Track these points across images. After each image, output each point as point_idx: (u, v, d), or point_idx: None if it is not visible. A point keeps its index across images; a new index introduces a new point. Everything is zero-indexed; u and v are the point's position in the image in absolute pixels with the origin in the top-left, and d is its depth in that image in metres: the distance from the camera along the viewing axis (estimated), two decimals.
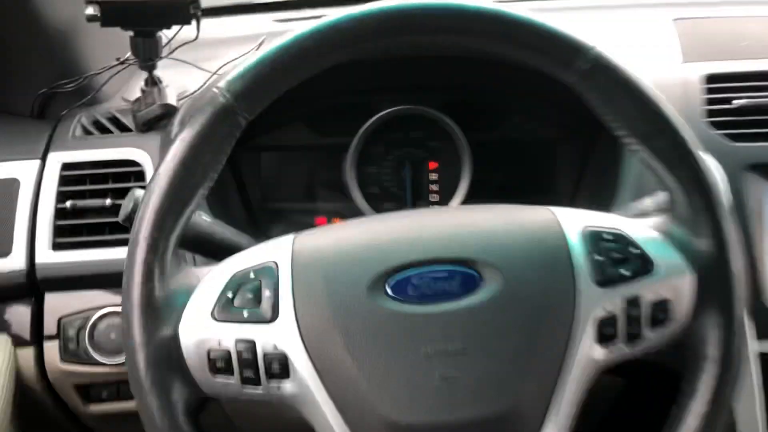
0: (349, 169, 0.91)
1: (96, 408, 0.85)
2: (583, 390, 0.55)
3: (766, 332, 0.76)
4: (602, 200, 0.82)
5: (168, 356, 0.54)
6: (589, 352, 0.55)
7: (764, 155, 0.79)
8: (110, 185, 0.83)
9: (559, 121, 0.91)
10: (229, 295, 0.56)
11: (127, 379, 0.56)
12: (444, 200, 0.93)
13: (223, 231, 0.71)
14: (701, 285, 0.56)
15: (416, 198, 0.94)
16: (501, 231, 0.57)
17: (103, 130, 0.89)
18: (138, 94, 0.87)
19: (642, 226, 0.59)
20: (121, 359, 0.80)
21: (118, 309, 0.76)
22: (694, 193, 0.56)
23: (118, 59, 0.90)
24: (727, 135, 0.80)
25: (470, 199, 0.91)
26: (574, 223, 0.58)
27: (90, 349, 0.81)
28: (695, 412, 0.55)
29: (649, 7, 1.04)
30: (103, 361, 0.81)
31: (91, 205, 0.83)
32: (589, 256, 0.56)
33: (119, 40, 0.84)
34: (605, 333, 0.55)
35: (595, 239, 0.57)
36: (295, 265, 0.56)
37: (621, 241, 0.57)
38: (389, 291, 0.54)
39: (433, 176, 0.94)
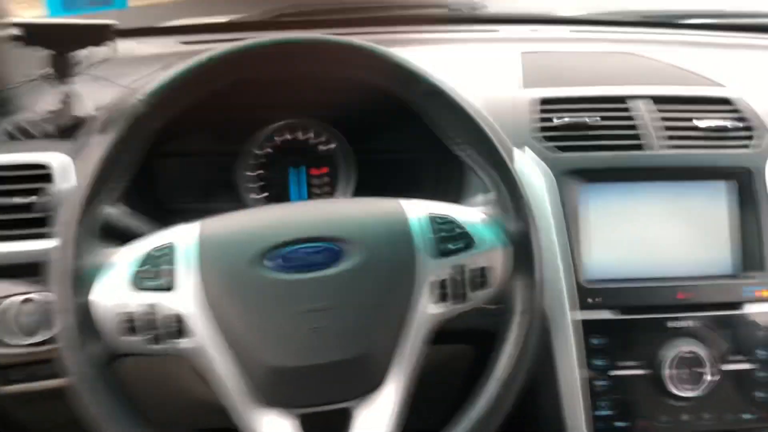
0: (241, 174, 1.06)
1: (10, 389, 0.95)
2: (423, 338, 0.72)
3: (582, 304, 0.95)
4: (454, 198, 1.00)
5: (85, 319, 0.67)
6: (426, 309, 0.71)
7: (581, 162, 0.98)
8: (20, 186, 0.93)
9: (423, 135, 1.09)
10: (136, 268, 0.69)
11: (41, 359, 0.69)
12: None
13: (137, 223, 0.85)
14: (510, 256, 0.74)
15: (302, 200, 1.09)
16: (360, 216, 0.73)
17: (24, 136, 0.99)
18: (55, 106, 0.98)
19: (470, 212, 0.77)
20: (34, 340, 0.90)
21: (30, 296, 0.87)
22: (505, 188, 0.74)
23: (37, 74, 1.01)
24: (554, 147, 0.99)
25: None
26: (417, 210, 0.75)
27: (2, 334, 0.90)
28: (507, 353, 0.72)
29: (505, 42, 1.25)
30: (16, 343, 0.90)
31: (2, 204, 0.93)
32: (426, 235, 0.73)
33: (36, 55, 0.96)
34: (438, 294, 0.72)
35: (431, 222, 0.74)
36: (201, 244, 0.69)
37: (451, 223, 0.74)
38: (270, 263, 0.69)
39: (317, 181, 1.09)
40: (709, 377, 0.95)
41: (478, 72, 1.12)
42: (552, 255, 0.96)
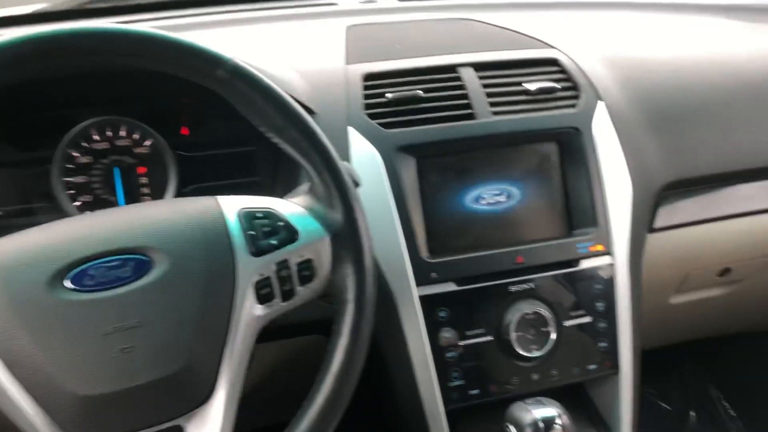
0: (56, 181, 0.96)
1: None
2: (250, 343, 0.68)
3: (426, 279, 0.95)
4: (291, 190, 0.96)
5: None
6: (251, 311, 0.67)
7: (410, 138, 0.97)
8: None
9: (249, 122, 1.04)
10: None
11: None
12: None
13: None
14: (336, 245, 0.71)
15: (129, 203, 1.01)
16: (167, 220, 0.67)
17: None
18: None
19: (290, 204, 0.73)
20: None
21: None
22: (324, 173, 0.71)
23: None
24: (381, 124, 0.97)
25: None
26: (233, 206, 0.70)
27: None
28: (341, 346, 0.69)
29: (331, 16, 1.21)
30: None
31: None
32: (244, 232, 0.68)
33: None
34: (263, 294, 0.68)
35: (249, 218, 0.69)
36: None
37: (271, 217, 0.70)
38: (69, 284, 0.62)
39: (143, 180, 1.01)
40: (553, 335, 0.98)
41: (299, 50, 1.07)
42: (393, 234, 0.94)
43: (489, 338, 0.97)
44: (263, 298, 0.68)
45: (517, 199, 1.02)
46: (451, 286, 0.96)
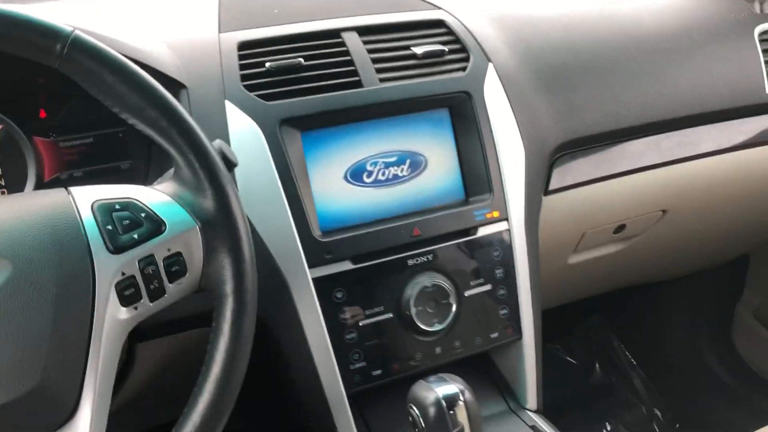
0: None
1: None
2: (116, 350, 0.61)
3: (319, 259, 0.90)
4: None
5: None
6: (115, 315, 0.60)
7: (293, 110, 0.91)
8: None
9: None
10: None
11: None
12: None
13: None
14: (208, 235, 0.65)
15: None
16: (8, 220, 0.59)
17: None
18: None
19: (154, 192, 0.65)
20: None
21: None
22: (189, 155, 0.64)
23: None
24: (261, 96, 0.90)
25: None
26: (86, 198, 0.62)
27: None
28: (221, 345, 0.63)
29: None
30: None
31: None
32: (101, 228, 0.61)
33: None
34: (127, 295, 0.61)
35: (106, 211, 0.62)
36: None
37: (131, 208, 0.63)
38: None
39: None
40: (454, 307, 0.96)
41: (167, 21, 0.98)
42: (277, 214, 0.88)
43: (389, 315, 0.93)
44: (128, 300, 0.61)
45: (411, 170, 0.98)
46: (346, 265, 0.91)
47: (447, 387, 0.77)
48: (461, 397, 0.77)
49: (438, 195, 0.99)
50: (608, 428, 1.77)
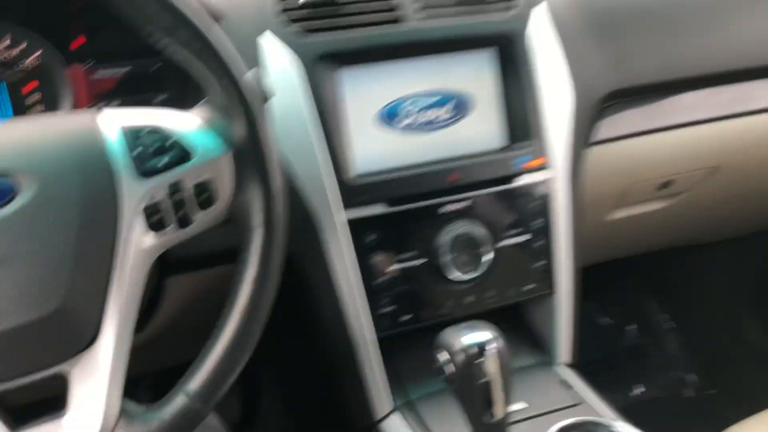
0: None
1: None
2: (141, 277, 0.60)
3: (351, 202, 0.87)
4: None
5: None
6: (141, 241, 0.59)
7: (332, 44, 0.87)
8: None
9: None
10: None
11: None
12: None
13: None
14: (238, 163, 0.63)
15: None
16: (37, 139, 0.58)
17: None
18: None
19: (183, 117, 0.64)
20: None
21: None
22: (223, 80, 0.62)
23: None
24: (300, 29, 0.87)
25: None
26: (114, 122, 0.60)
27: None
28: (248, 277, 0.62)
29: None
30: None
31: None
32: (128, 152, 0.59)
33: None
34: (155, 220, 0.60)
35: (133, 135, 0.60)
36: None
37: (159, 133, 0.61)
38: None
39: (35, 96, 0.90)
40: (488, 256, 0.93)
41: None
42: (311, 152, 0.86)
43: (421, 262, 0.91)
44: (155, 226, 0.60)
45: (455, 112, 0.94)
46: (380, 208, 0.89)
47: (478, 334, 0.75)
48: (492, 346, 0.75)
49: (477, 140, 0.96)
50: (641, 390, 1.74)
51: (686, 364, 1.78)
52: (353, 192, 0.87)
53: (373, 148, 0.91)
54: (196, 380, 0.60)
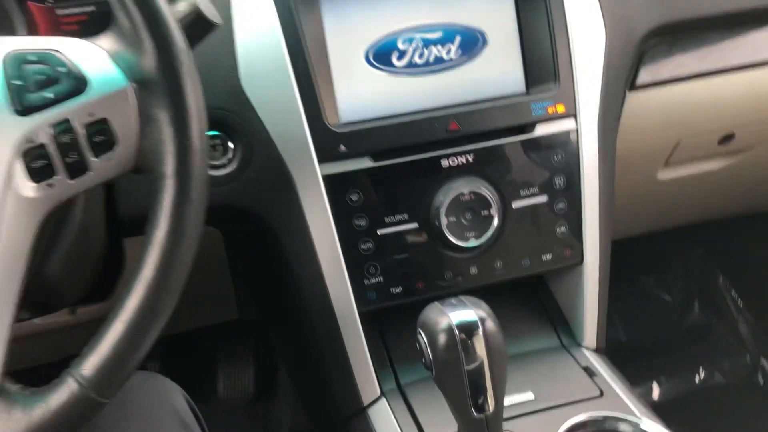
0: None
1: None
2: (25, 235, 0.49)
3: (334, 154, 0.75)
4: None
5: None
6: (22, 192, 0.49)
7: None
8: None
9: None
10: None
11: None
12: None
13: None
14: (144, 98, 0.51)
15: None
16: None
17: None
18: None
19: (87, 45, 0.52)
20: None
21: None
22: (130, 3, 0.50)
23: None
24: None
25: None
26: (2, 49, 0.50)
27: None
28: (155, 241, 0.51)
29: None
30: None
31: None
32: (8, 82, 0.49)
33: None
34: (37, 167, 0.49)
35: (17, 63, 0.49)
36: None
37: (50, 61, 0.50)
38: None
39: None
40: (496, 220, 0.79)
41: None
42: (288, 95, 0.74)
43: (413, 225, 0.78)
44: (38, 174, 0.49)
45: (456, 49, 0.80)
46: (364, 162, 0.76)
47: (464, 312, 0.62)
48: (480, 326, 0.61)
49: (488, 83, 0.81)
50: (702, 376, 1.56)
51: (759, 347, 1.59)
52: (332, 142, 0.75)
53: (362, 93, 0.78)
54: (90, 365, 0.49)
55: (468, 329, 0.61)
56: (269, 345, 1.33)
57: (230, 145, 0.74)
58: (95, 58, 0.51)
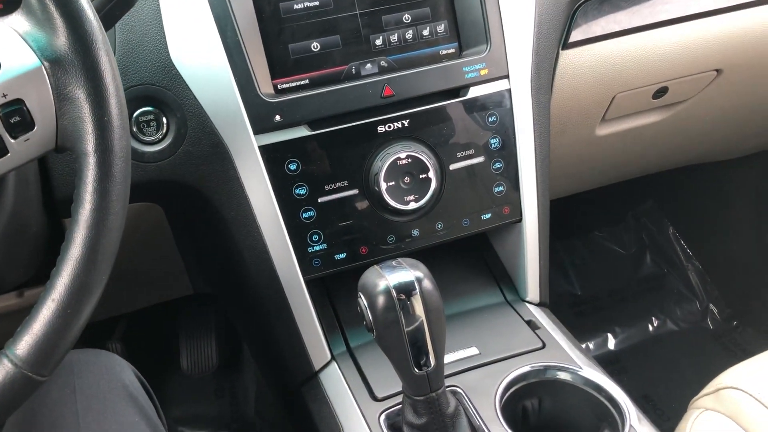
0: None
1: None
2: None
3: (263, 125, 0.75)
4: None
5: None
6: None
7: None
8: None
9: None
10: None
11: None
12: None
13: None
14: (59, 77, 0.51)
15: None
16: None
17: None
18: None
19: None
20: None
21: None
22: None
23: None
24: None
25: None
26: None
27: None
28: (81, 219, 0.51)
29: None
30: None
31: None
32: None
33: None
34: None
35: None
36: None
37: None
38: None
39: None
40: (434, 183, 0.80)
41: None
42: (219, 66, 0.73)
43: (353, 192, 0.79)
44: None
45: (385, 15, 0.80)
46: (301, 131, 0.77)
47: (401, 274, 0.63)
48: (417, 287, 0.63)
49: (419, 46, 0.82)
50: (655, 324, 1.61)
51: (708, 294, 1.64)
52: (267, 112, 0.75)
53: (294, 59, 0.78)
54: (23, 344, 0.50)
55: (406, 290, 0.62)
56: (229, 317, 1.34)
57: (164, 120, 0.74)
58: (5, 39, 0.51)
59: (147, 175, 0.74)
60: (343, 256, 0.80)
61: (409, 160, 0.79)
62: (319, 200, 0.78)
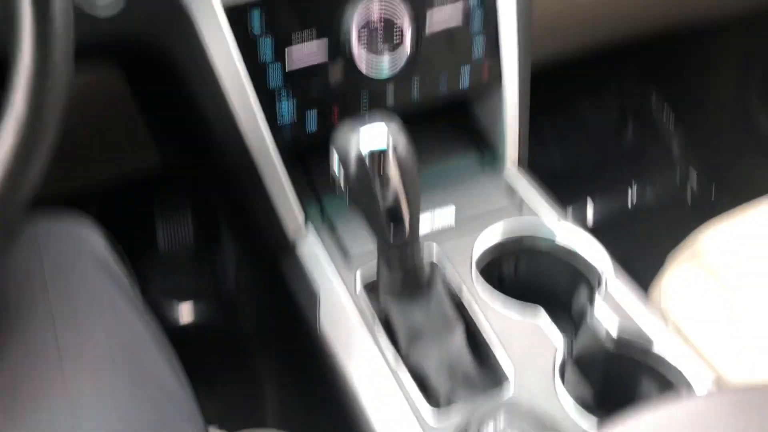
0: None
1: None
2: None
3: None
4: None
5: None
6: None
7: None
8: None
9: None
10: None
11: None
12: None
13: None
14: None
15: None
16: None
17: None
18: None
19: None
20: None
21: None
22: None
23: None
24: None
25: None
26: None
27: None
28: (13, 120, 0.47)
29: None
30: None
31: None
32: None
33: None
34: None
35: None
36: None
37: None
38: None
39: None
40: (409, 47, 0.76)
41: None
42: None
43: (323, 60, 0.75)
44: None
45: None
46: None
47: (374, 126, 0.60)
48: (390, 139, 0.60)
49: None
50: (634, 196, 1.61)
51: (688, 160, 1.63)
52: None
53: None
54: None
55: (378, 142, 0.59)
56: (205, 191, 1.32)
57: None
58: None
59: (99, 30, 0.69)
60: (314, 127, 0.77)
61: (381, 22, 0.74)
62: (288, 69, 0.74)
